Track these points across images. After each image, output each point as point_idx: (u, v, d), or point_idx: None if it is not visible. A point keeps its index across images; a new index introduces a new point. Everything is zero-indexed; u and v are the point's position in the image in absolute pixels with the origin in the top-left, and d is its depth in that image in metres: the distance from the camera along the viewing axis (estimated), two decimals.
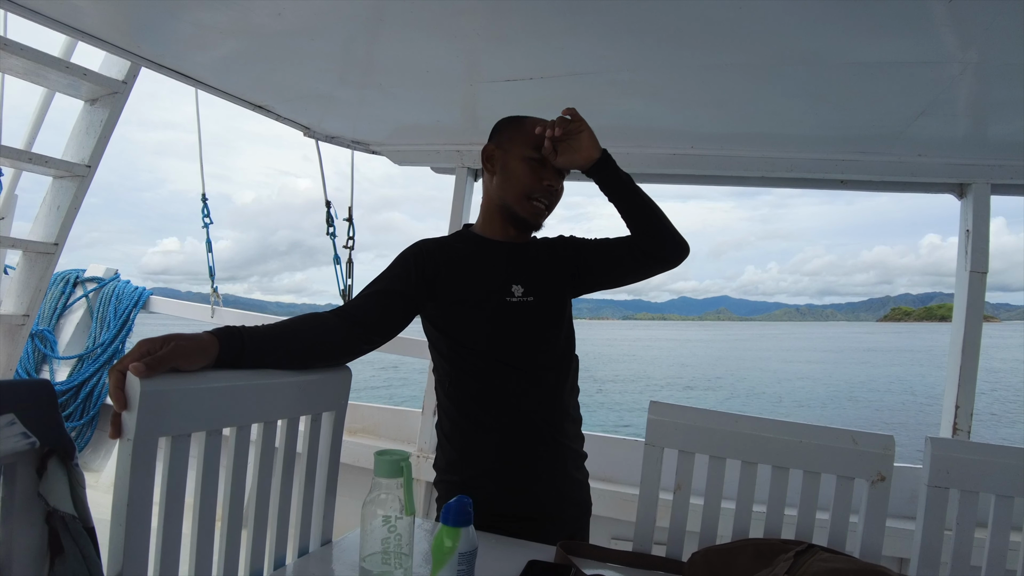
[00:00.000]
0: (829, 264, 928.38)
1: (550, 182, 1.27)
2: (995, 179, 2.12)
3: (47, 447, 0.73)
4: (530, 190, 1.27)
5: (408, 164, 2.67)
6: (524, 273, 1.30)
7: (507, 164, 1.29)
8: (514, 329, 1.26)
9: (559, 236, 1.43)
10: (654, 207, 1.29)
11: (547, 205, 1.30)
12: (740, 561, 0.98)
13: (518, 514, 1.23)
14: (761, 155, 2.25)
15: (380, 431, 2.91)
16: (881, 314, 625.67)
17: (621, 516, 2.15)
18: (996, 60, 1.41)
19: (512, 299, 1.26)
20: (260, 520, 1.02)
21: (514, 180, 1.28)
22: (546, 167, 1.27)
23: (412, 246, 1.31)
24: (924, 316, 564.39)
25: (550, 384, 1.28)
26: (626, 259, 1.33)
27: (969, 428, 2.09)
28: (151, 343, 0.86)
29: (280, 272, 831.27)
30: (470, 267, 1.28)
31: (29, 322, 2.36)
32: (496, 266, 1.29)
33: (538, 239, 1.41)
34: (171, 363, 0.85)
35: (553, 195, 1.30)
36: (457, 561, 0.78)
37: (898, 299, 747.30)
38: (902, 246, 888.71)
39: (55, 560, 0.73)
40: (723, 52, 1.50)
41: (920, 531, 1.11)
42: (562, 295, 1.34)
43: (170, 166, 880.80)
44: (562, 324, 1.33)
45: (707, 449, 1.19)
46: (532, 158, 1.26)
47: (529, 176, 1.26)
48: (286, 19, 1.47)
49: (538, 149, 1.26)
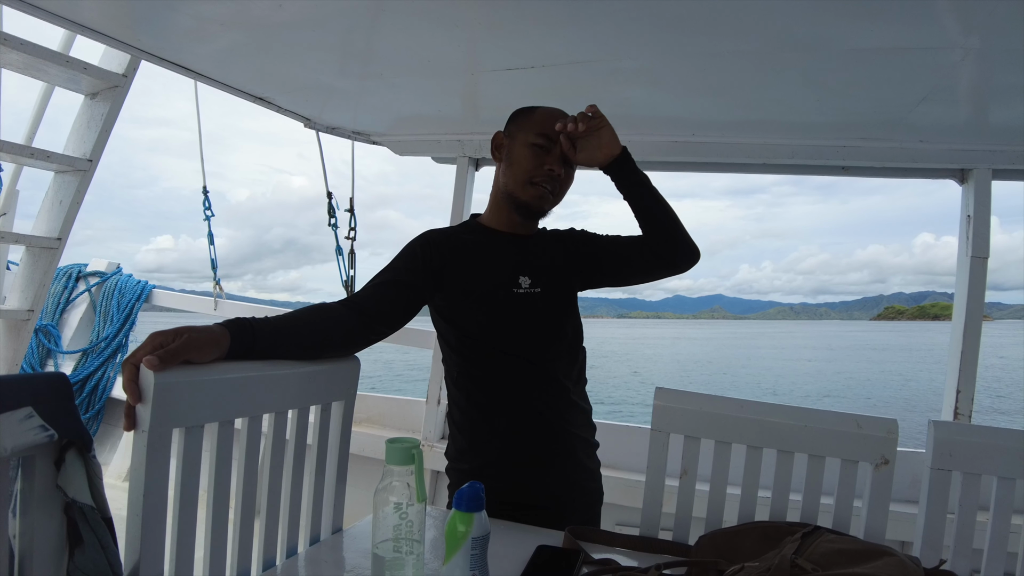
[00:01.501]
0: (823, 263, 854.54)
1: (552, 167, 1.26)
2: (996, 165, 2.13)
3: (65, 439, 0.74)
4: (532, 174, 1.26)
5: (409, 154, 2.66)
6: (531, 265, 1.30)
7: (512, 151, 1.30)
8: (521, 320, 1.26)
9: (569, 228, 1.43)
10: (668, 209, 1.29)
11: (551, 190, 1.29)
12: (747, 543, 0.99)
13: (528, 503, 1.24)
14: (763, 142, 2.25)
15: (385, 421, 2.93)
16: (875, 313, 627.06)
17: (626, 503, 2.17)
18: (997, 46, 1.40)
19: (519, 290, 1.27)
20: (272, 509, 1.03)
21: (516, 166, 1.28)
22: (550, 153, 1.27)
23: (419, 237, 1.31)
24: (917, 315, 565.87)
25: (558, 374, 1.29)
26: (635, 259, 1.33)
27: (970, 413, 2.11)
28: (163, 336, 0.86)
29: (275, 270, 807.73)
30: (477, 258, 1.28)
31: (34, 317, 2.37)
32: (503, 257, 1.30)
33: (546, 231, 1.41)
34: (184, 356, 0.85)
35: (555, 181, 1.28)
36: (470, 546, 0.79)
37: (892, 298, 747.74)
38: (896, 245, 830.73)
39: (74, 550, 0.74)
40: (725, 40, 1.50)
41: (923, 514, 1.12)
42: (570, 287, 1.35)
43: (164, 163, 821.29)
44: (570, 315, 1.33)
45: (713, 434, 1.20)
46: (535, 144, 1.26)
47: (531, 160, 1.26)
48: (286, 10, 1.47)
49: (543, 136, 1.26)
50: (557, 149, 1.27)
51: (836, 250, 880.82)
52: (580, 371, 1.35)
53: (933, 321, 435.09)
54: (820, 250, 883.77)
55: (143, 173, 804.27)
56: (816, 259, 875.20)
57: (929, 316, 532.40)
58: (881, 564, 0.81)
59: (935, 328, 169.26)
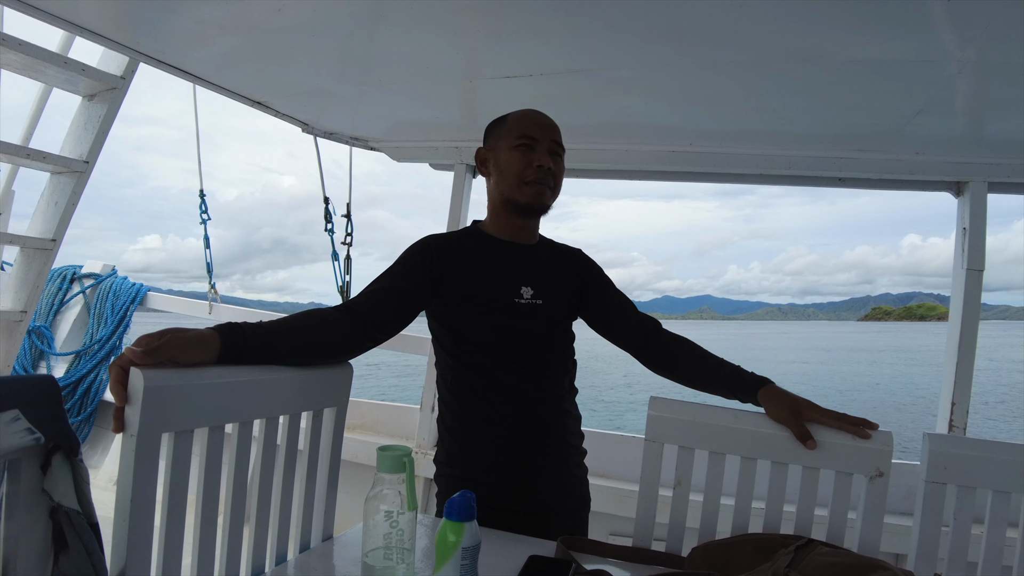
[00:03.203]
0: (811, 264, 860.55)
1: (540, 162, 1.26)
2: (992, 177, 2.13)
3: (51, 443, 0.73)
4: (522, 174, 1.27)
5: (407, 160, 2.66)
6: (534, 275, 1.30)
7: (498, 160, 1.31)
8: (522, 330, 1.26)
9: (577, 250, 1.44)
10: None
11: (546, 184, 1.28)
12: (740, 556, 0.99)
13: (519, 509, 1.23)
14: (759, 152, 2.26)
15: (378, 427, 2.91)
16: (862, 313, 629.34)
17: (620, 512, 2.16)
18: (994, 59, 1.41)
19: (521, 300, 1.27)
20: (262, 516, 1.02)
21: (506, 171, 1.28)
22: (534, 150, 1.27)
23: (419, 242, 1.30)
24: (904, 315, 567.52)
25: (553, 383, 1.30)
26: (623, 339, 1.38)
27: (965, 425, 2.10)
28: (149, 337, 0.86)
29: (263, 270, 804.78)
30: (478, 266, 1.28)
31: (27, 318, 2.36)
32: (505, 266, 1.29)
33: (552, 243, 1.42)
34: (167, 354, 0.85)
35: (547, 174, 1.28)
36: (461, 556, 0.78)
37: (879, 298, 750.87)
38: (884, 246, 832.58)
39: (60, 555, 0.73)
40: (722, 50, 1.51)
41: (918, 526, 1.12)
42: (570, 302, 1.36)
43: (151, 162, 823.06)
44: (568, 328, 1.36)
45: (707, 445, 1.19)
46: (518, 145, 1.27)
47: (519, 161, 1.27)
48: (286, 15, 1.47)
49: (523, 136, 1.27)
50: (540, 145, 1.27)
51: (824, 251, 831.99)
52: (572, 380, 1.37)
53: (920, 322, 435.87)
54: (808, 251, 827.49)
55: (131, 172, 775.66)
56: (804, 260, 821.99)
57: (916, 317, 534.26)
58: None
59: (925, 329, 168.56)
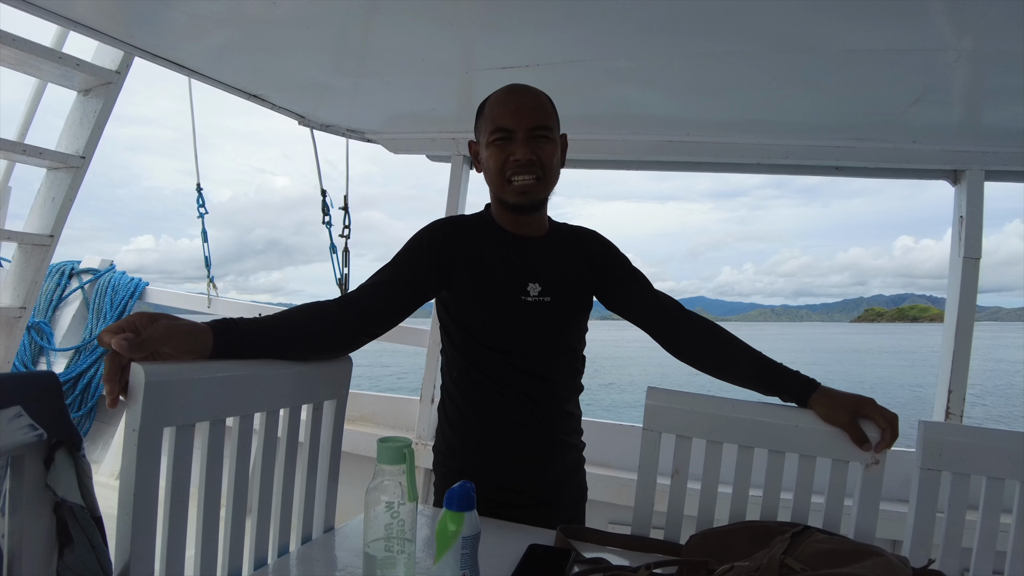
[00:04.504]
0: (805, 265, 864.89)
1: (517, 156, 1.18)
2: (989, 166, 2.14)
3: (54, 438, 0.74)
4: (503, 172, 1.20)
5: (404, 152, 2.66)
6: (542, 271, 1.24)
7: (482, 156, 1.25)
8: (527, 329, 1.22)
9: (592, 232, 1.36)
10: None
11: (530, 177, 1.19)
12: (737, 543, 1.00)
13: (516, 502, 1.24)
14: (756, 142, 2.26)
15: (378, 419, 2.92)
16: (855, 315, 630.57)
17: (618, 501, 2.17)
18: (991, 47, 1.41)
19: (528, 298, 1.22)
20: (264, 508, 1.03)
21: (489, 168, 1.22)
22: (511, 142, 1.18)
23: (429, 227, 1.25)
24: (896, 317, 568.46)
25: (558, 382, 1.27)
26: (643, 322, 1.30)
27: (962, 412, 2.12)
28: (140, 317, 0.86)
29: (256, 271, 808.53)
30: (486, 259, 1.23)
31: (26, 315, 2.36)
32: (511, 261, 1.24)
33: (561, 230, 1.33)
34: (154, 346, 0.85)
35: (529, 166, 1.18)
36: (461, 545, 0.79)
37: (871, 300, 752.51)
38: (877, 248, 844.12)
39: (64, 550, 0.74)
40: (719, 40, 1.51)
41: (913, 513, 1.13)
42: (582, 297, 1.29)
43: (144, 162, 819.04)
44: (578, 326, 1.30)
45: (704, 434, 1.20)
46: (494, 141, 1.20)
47: (497, 158, 1.20)
48: (281, 7, 1.46)
49: (498, 130, 1.19)
50: (516, 135, 1.18)
51: (817, 252, 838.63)
52: (578, 379, 1.33)
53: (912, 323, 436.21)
54: (802, 252, 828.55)
55: (123, 172, 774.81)
56: (798, 261, 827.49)
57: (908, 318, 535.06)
58: (870, 564, 0.81)
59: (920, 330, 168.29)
